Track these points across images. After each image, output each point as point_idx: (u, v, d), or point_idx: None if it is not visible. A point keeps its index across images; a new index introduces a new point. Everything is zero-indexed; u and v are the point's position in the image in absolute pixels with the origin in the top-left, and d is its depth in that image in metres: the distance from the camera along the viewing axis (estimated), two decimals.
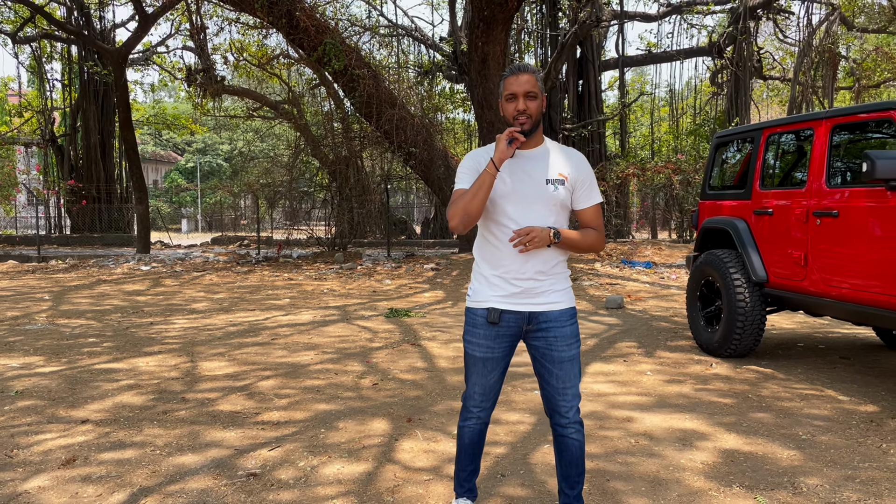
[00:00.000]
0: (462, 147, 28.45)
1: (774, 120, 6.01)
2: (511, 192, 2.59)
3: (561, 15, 20.92)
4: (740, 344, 5.84)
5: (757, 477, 3.46)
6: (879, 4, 21.45)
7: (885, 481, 3.38)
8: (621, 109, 22.37)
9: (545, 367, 2.68)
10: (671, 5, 21.38)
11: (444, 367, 5.87)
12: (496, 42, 13.77)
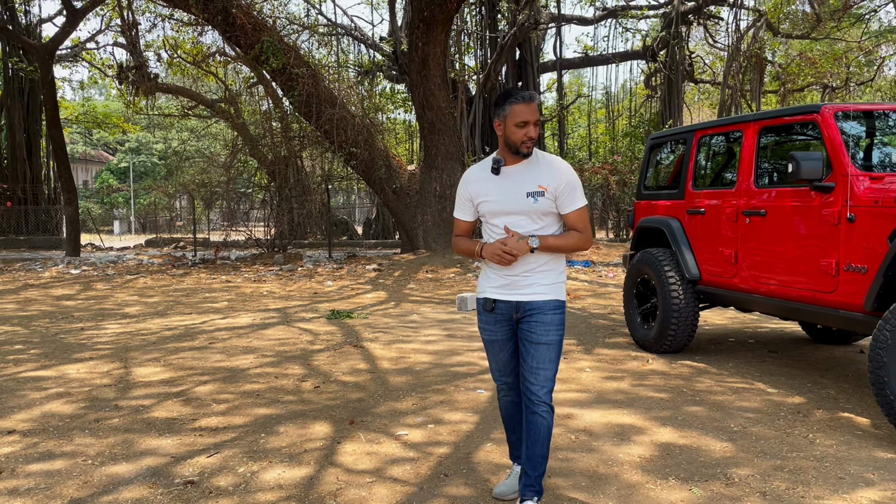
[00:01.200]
0: (403, 147, 28.40)
1: (705, 122, 6.20)
2: (496, 209, 2.98)
3: (500, 17, 21.11)
4: (675, 340, 6.01)
5: (692, 469, 3.57)
6: (803, 12, 22.37)
7: (811, 470, 3.53)
8: (559, 111, 22.70)
9: (525, 349, 2.99)
10: (607, 9, 21.83)
11: (387, 368, 5.85)
12: (436, 43, 13.80)
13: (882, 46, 23.93)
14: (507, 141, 2.93)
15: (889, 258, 3.93)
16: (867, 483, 3.33)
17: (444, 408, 4.67)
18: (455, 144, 14.82)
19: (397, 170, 15.50)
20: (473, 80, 21.03)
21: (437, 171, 14.73)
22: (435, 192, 14.74)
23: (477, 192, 3.02)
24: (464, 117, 19.12)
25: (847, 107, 4.73)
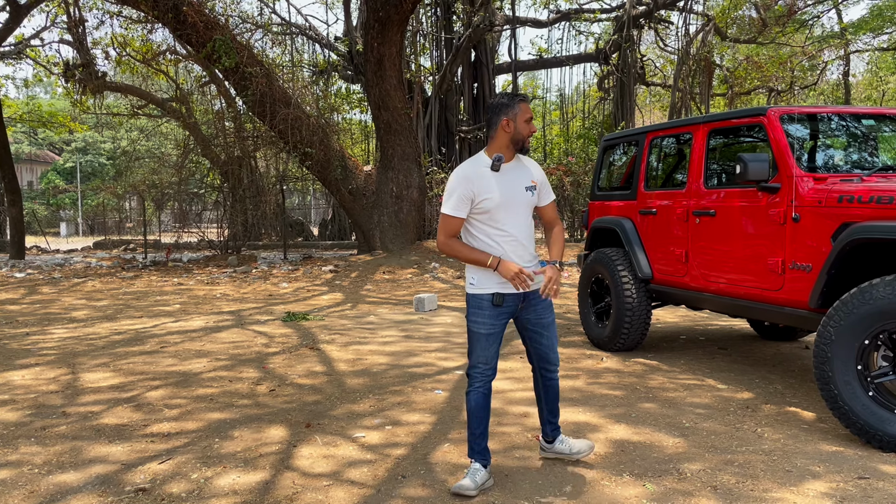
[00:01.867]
0: (359, 148, 28.24)
1: (657, 124, 6.32)
2: (502, 203, 3.21)
3: (455, 18, 21.17)
4: (628, 338, 6.11)
5: (645, 465, 3.63)
6: (749, 17, 22.97)
7: (760, 463, 3.62)
8: None
9: (538, 332, 3.43)
10: (560, 12, 22.06)
11: (344, 370, 5.81)
12: (392, 43, 13.77)
13: (825, 51, 24.72)
14: (515, 137, 3.27)
15: (832, 257, 4.06)
16: (813, 475, 3.44)
17: (402, 409, 4.66)
18: (411, 145, 14.81)
19: (353, 170, 15.41)
20: (429, 81, 21.05)
21: (393, 171, 14.69)
22: (391, 193, 14.70)
23: (480, 189, 3.19)
24: (420, 118, 19.12)
25: (792, 110, 4.88)
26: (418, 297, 9.16)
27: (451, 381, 5.39)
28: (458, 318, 8.50)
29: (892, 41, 24.86)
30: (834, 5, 24.41)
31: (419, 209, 15.20)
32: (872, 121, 5.17)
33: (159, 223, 25.18)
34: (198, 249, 19.62)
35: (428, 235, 16.75)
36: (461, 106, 21.46)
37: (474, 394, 3.34)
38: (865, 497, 3.17)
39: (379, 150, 15.53)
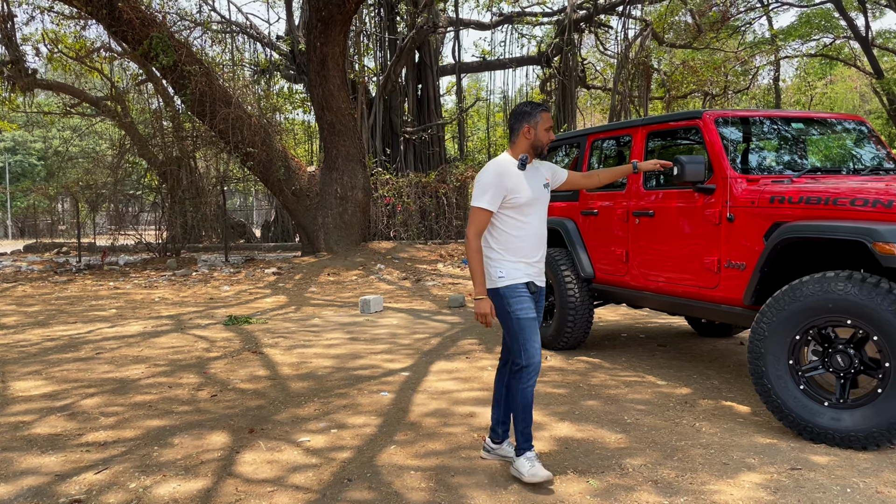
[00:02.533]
0: (303, 148, 27.91)
1: (597, 126, 6.44)
2: (532, 199, 3.47)
3: (399, 19, 21.13)
4: (572, 337, 6.21)
5: (588, 461, 3.69)
6: (685, 23, 23.60)
7: (699, 457, 3.72)
8: (459, 114, 22.97)
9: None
10: (503, 15, 22.25)
11: (288, 374, 5.73)
12: (335, 43, 13.65)
13: (756, 57, 25.59)
14: (534, 143, 3.55)
15: (764, 255, 4.21)
16: (749, 467, 3.55)
17: (348, 412, 4.63)
18: (356, 146, 14.71)
19: (297, 171, 15.22)
20: (373, 81, 20.96)
21: (337, 172, 14.57)
22: (336, 194, 14.57)
23: (513, 185, 3.43)
24: (364, 119, 19.00)
25: (726, 113, 5.03)
26: (364, 298, 9.10)
27: (396, 383, 5.37)
28: (404, 319, 8.48)
29: (819, 48, 25.93)
30: (765, 12, 25.32)
31: (364, 210, 15.12)
32: (801, 124, 5.38)
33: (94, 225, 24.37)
34: (135, 252, 19.07)
35: (373, 237, 16.67)
36: (406, 107, 21.43)
37: (530, 389, 3.43)
38: (798, 487, 3.29)
39: (323, 151, 15.39)
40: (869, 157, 5.31)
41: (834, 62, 27.14)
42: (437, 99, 22.02)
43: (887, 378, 3.57)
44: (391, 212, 16.87)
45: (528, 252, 3.49)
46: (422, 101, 21.68)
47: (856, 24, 23.15)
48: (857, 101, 36.44)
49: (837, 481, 3.33)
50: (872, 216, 3.71)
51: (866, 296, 3.58)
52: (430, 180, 17.08)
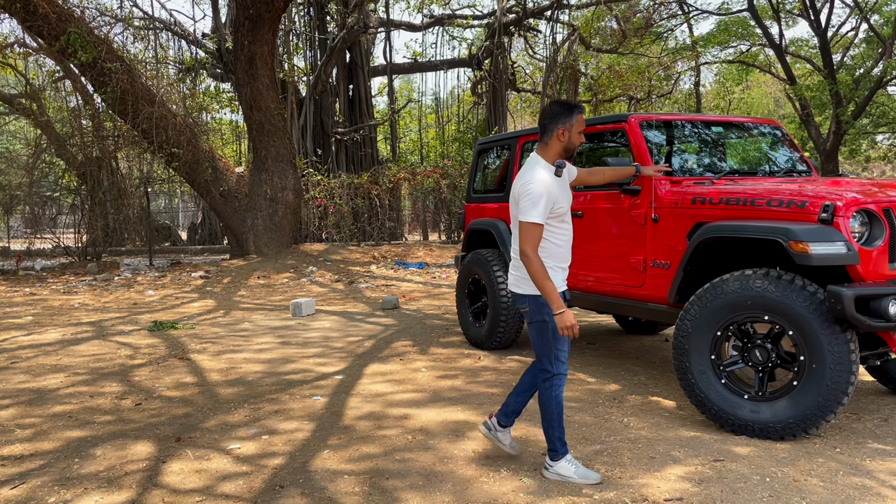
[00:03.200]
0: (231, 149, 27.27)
1: (528, 129, 6.53)
2: (568, 206, 3.47)
3: (329, 19, 20.91)
4: (504, 336, 6.27)
5: (522, 459, 3.73)
6: (611, 28, 24.21)
7: (627, 452, 3.82)
8: (391, 115, 22.90)
9: None
10: (434, 17, 22.32)
11: (216, 380, 5.59)
12: (264, 41, 13.40)
13: (678, 62, 26.47)
14: (567, 146, 3.46)
15: (687, 255, 4.35)
16: (674, 460, 3.66)
17: (279, 417, 4.55)
18: (286, 146, 14.48)
19: (224, 172, 14.86)
20: (304, 81, 20.67)
21: (267, 173, 14.30)
22: (266, 196, 14.31)
23: (558, 196, 3.38)
24: (294, 119, 18.71)
25: (650, 117, 5.19)
26: (295, 301, 8.97)
27: (330, 387, 5.32)
28: (337, 322, 8.40)
29: (736, 54, 27.01)
30: (686, 20, 26.21)
31: (295, 212, 14.89)
32: (721, 128, 5.59)
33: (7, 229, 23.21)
34: (53, 257, 18.24)
35: (305, 238, 16.44)
36: (337, 107, 21.22)
37: (561, 394, 3.47)
38: (721, 478, 3.42)
39: (252, 152, 15.07)
40: (783, 159, 5.57)
41: (750, 68, 28.30)
42: (368, 99, 21.90)
43: (802, 371, 3.75)
44: (323, 213, 16.67)
45: (565, 257, 3.51)
46: (353, 102, 21.52)
47: (770, 33, 24.23)
48: (772, 106, 38.15)
49: (757, 471, 3.47)
50: (787, 216, 3.89)
51: (782, 293, 3.74)
52: (363, 181, 16.95)
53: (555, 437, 3.46)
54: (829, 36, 23.97)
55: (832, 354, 3.63)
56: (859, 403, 4.64)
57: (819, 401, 3.68)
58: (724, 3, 26.89)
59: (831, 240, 3.68)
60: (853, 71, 23.86)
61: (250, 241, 14.45)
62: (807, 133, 24.92)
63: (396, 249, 15.91)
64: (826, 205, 3.77)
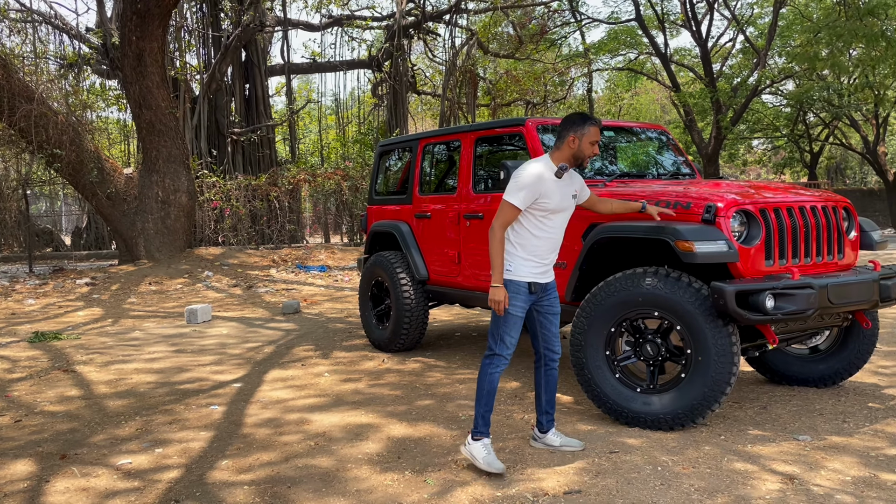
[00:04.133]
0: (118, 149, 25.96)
1: (428, 131, 6.57)
2: (558, 207, 3.68)
3: (224, 16, 20.29)
4: (408, 338, 6.28)
5: (425, 460, 3.75)
6: (508, 34, 24.74)
7: (528, 448, 3.91)
8: (290, 116, 22.47)
9: (547, 319, 3.81)
10: (333, 18, 22.07)
11: (105, 392, 5.31)
12: (153, 38, 12.85)
13: (572, 69, 27.37)
14: (576, 154, 3.69)
15: (583, 254, 4.50)
16: (573, 454, 3.77)
17: (173, 429, 4.37)
18: (178, 147, 13.93)
19: (111, 173, 14.13)
20: (197, 79, 19.95)
21: (158, 175, 13.72)
22: (157, 198, 13.72)
23: (546, 191, 3.61)
24: (187, 118, 18.01)
25: (546, 121, 5.33)
26: (190, 308, 8.64)
27: (228, 395, 5.15)
28: (235, 328, 8.15)
29: (625, 62, 28.20)
30: (578, 27, 27.13)
31: (189, 215, 14.35)
32: (612, 132, 5.82)
33: None
34: None
35: (200, 242, 15.87)
36: (233, 107, 20.60)
37: (496, 376, 3.67)
38: (616, 469, 3.55)
39: (141, 152, 14.41)
40: (669, 163, 5.86)
41: (638, 76, 29.63)
42: (266, 99, 21.40)
43: (689, 364, 3.95)
44: (219, 216, 16.14)
45: (542, 253, 3.70)
46: (250, 102, 20.97)
47: (656, 42, 25.45)
48: (659, 112, 40.08)
49: (650, 461, 3.64)
50: (674, 217, 4.10)
51: (670, 290, 3.94)
52: (261, 183, 16.54)
53: (478, 413, 3.65)
54: (709, 46, 25.44)
55: (716, 347, 3.85)
56: (741, 393, 4.94)
57: (705, 391, 3.90)
58: (613, 13, 28.05)
59: (714, 239, 3.90)
60: (731, 79, 25.40)
61: (141, 246, 13.81)
62: (690, 138, 26.33)
63: (297, 252, 15.62)
64: (709, 206, 4.00)
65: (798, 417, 4.34)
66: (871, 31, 18.71)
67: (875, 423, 4.18)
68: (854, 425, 4.16)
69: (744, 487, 3.29)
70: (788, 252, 4.13)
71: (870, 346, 4.84)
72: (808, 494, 3.20)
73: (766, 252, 4.07)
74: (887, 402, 4.62)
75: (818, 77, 24.86)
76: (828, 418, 4.30)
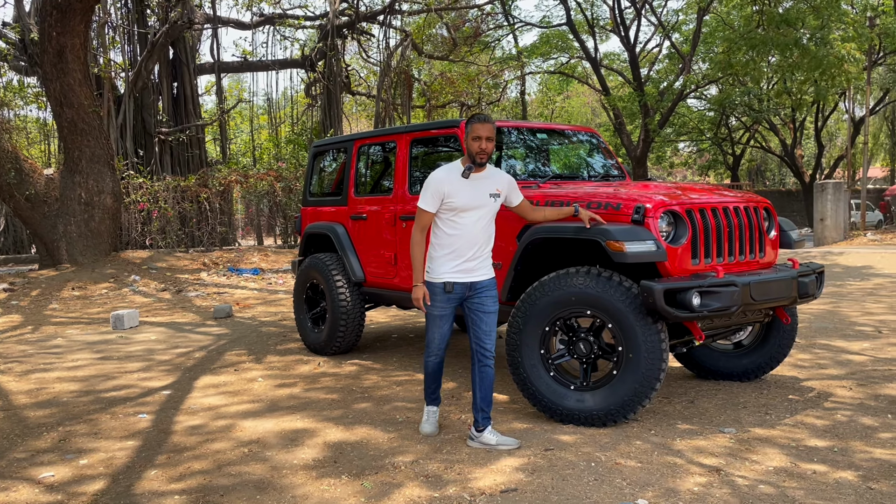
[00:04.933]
0: (38, 149, 24.85)
1: (363, 132, 6.54)
2: (468, 205, 3.82)
3: (150, 12, 19.67)
4: (344, 341, 6.23)
5: (362, 463, 3.72)
6: (442, 35, 24.83)
7: (464, 448, 3.93)
8: (220, 115, 21.95)
9: (479, 318, 3.91)
10: (264, 16, 21.68)
11: (24, 402, 5.07)
12: (74, 34, 12.35)
13: (505, 71, 27.69)
14: (467, 151, 3.84)
15: (518, 255, 4.56)
16: (509, 453, 3.82)
17: (98, 439, 4.21)
18: (102, 147, 13.42)
19: (30, 174, 13.50)
20: (122, 77, 19.28)
21: (81, 175, 13.19)
22: (80, 200, 13.19)
23: (450, 191, 3.80)
24: (112, 117, 17.38)
25: None
26: (116, 313, 8.35)
27: (156, 403, 5.00)
28: (164, 333, 7.92)
29: (557, 66, 28.72)
30: (511, 31, 27.48)
31: (114, 217, 13.84)
32: (545, 135, 5.92)
33: None
34: None
35: (126, 245, 15.33)
36: (160, 106, 19.99)
37: (432, 362, 4.04)
38: (551, 466, 3.61)
39: (63, 152, 13.83)
40: (600, 165, 5.99)
41: (570, 79, 30.22)
42: (195, 98, 20.83)
43: (620, 361, 4.05)
44: (146, 218, 15.62)
45: (461, 251, 3.85)
46: (178, 101, 20.38)
47: (587, 46, 26.02)
48: (590, 115, 40.98)
49: (584, 457, 3.71)
50: (605, 218, 4.19)
51: (601, 289, 4.03)
52: (191, 184, 16.07)
53: (424, 389, 4.16)
54: (637, 51, 26.16)
55: (646, 344, 3.95)
56: (669, 388, 5.09)
57: (636, 388, 4.00)
58: (545, 17, 28.50)
59: (643, 239, 4.00)
60: (658, 84, 26.17)
61: (62, 250, 13.25)
62: (620, 140, 27.01)
63: (229, 255, 15.28)
64: (638, 207, 4.11)
65: (724, 411, 4.50)
66: (788, 41, 19.59)
67: (795, 415, 4.37)
68: (776, 417, 4.34)
69: (673, 480, 3.40)
70: (713, 251, 4.28)
71: (789, 340, 5.07)
72: (732, 486, 3.32)
73: (693, 251, 4.20)
74: (806, 395, 4.84)
75: (739, 82, 25.89)
76: (751, 411, 4.48)
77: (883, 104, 32.96)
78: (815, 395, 4.81)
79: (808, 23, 20.33)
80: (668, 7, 26.59)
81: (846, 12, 21.23)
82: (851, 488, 3.26)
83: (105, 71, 17.15)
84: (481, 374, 3.94)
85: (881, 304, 8.73)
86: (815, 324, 7.49)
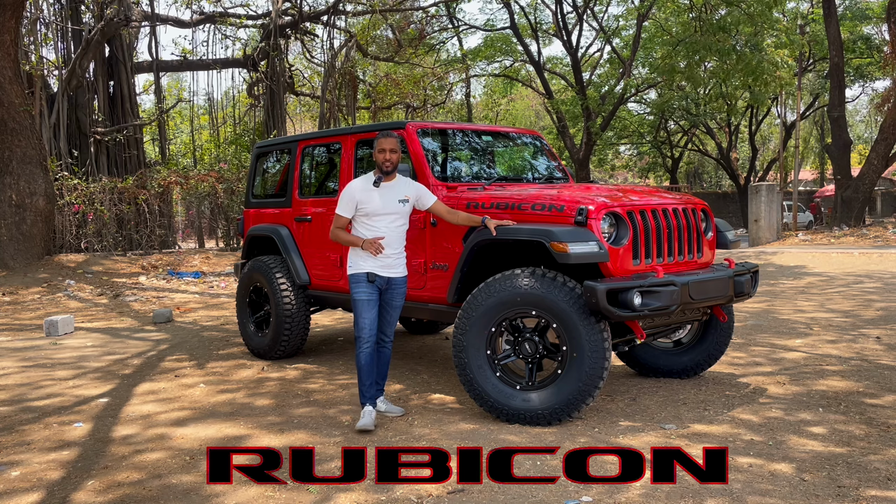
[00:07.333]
0: None
1: (308, 133, 6.46)
2: (380, 210, 4.35)
3: (84, 9, 19.05)
4: (289, 344, 6.14)
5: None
6: (387, 37, 24.77)
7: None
8: (159, 115, 21.39)
9: (386, 310, 4.50)
10: (204, 14, 21.24)
11: None
12: (5, 29, 11.89)
13: (450, 74, 27.80)
14: (376, 163, 4.35)
15: (464, 256, 4.58)
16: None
17: (29, 450, 4.05)
18: (35, 147, 12.94)
19: None
20: (55, 75, 18.61)
21: (12, 177, 12.69)
22: (10, 202, 12.68)
23: (362, 198, 4.33)
24: (45, 117, 16.76)
25: (427, 125, 5.38)
26: (49, 319, 8.05)
27: (92, 412, 4.84)
28: (100, 339, 7.67)
29: (502, 69, 28.98)
30: (455, 33, 27.61)
31: (47, 219, 13.36)
32: (490, 137, 5.96)
33: None
34: None
35: (60, 249, 14.79)
36: (96, 105, 19.35)
37: (363, 353, 4.36)
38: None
39: None
40: (544, 167, 6.07)
41: (514, 82, 30.52)
42: (132, 98, 20.23)
43: (565, 360, 4.11)
44: (81, 221, 15.10)
45: None
46: (115, 100, 19.76)
47: (530, 50, 26.33)
48: (534, 118, 41.46)
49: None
50: (549, 219, 4.25)
51: (546, 289, 4.08)
52: (128, 186, 15.61)
53: (359, 386, 4.39)
54: (579, 56, 26.60)
55: (589, 343, 4.02)
56: (612, 386, 5.19)
57: (580, 386, 4.06)
58: (489, 20, 28.72)
59: (586, 240, 4.07)
60: (600, 88, 26.66)
61: None
62: (563, 143, 27.41)
63: (169, 258, 14.91)
64: (581, 208, 4.17)
65: (664, 407, 4.61)
66: (724, 47, 20.22)
67: (732, 410, 4.51)
68: (714, 412, 4.47)
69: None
70: (654, 252, 4.38)
71: (726, 338, 5.22)
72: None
73: (634, 252, 4.29)
74: (742, 391, 5.00)
75: (678, 87, 26.58)
76: (691, 407, 4.60)
77: (813, 109, 34.38)
78: (751, 391, 4.97)
79: (742, 30, 21.02)
80: (609, 13, 27.09)
81: (778, 20, 22.04)
82: (786, 480, 3.38)
83: (37, 69, 16.53)
84: (380, 353, 4.53)
85: (812, 302, 9.09)
86: (750, 322, 7.74)
